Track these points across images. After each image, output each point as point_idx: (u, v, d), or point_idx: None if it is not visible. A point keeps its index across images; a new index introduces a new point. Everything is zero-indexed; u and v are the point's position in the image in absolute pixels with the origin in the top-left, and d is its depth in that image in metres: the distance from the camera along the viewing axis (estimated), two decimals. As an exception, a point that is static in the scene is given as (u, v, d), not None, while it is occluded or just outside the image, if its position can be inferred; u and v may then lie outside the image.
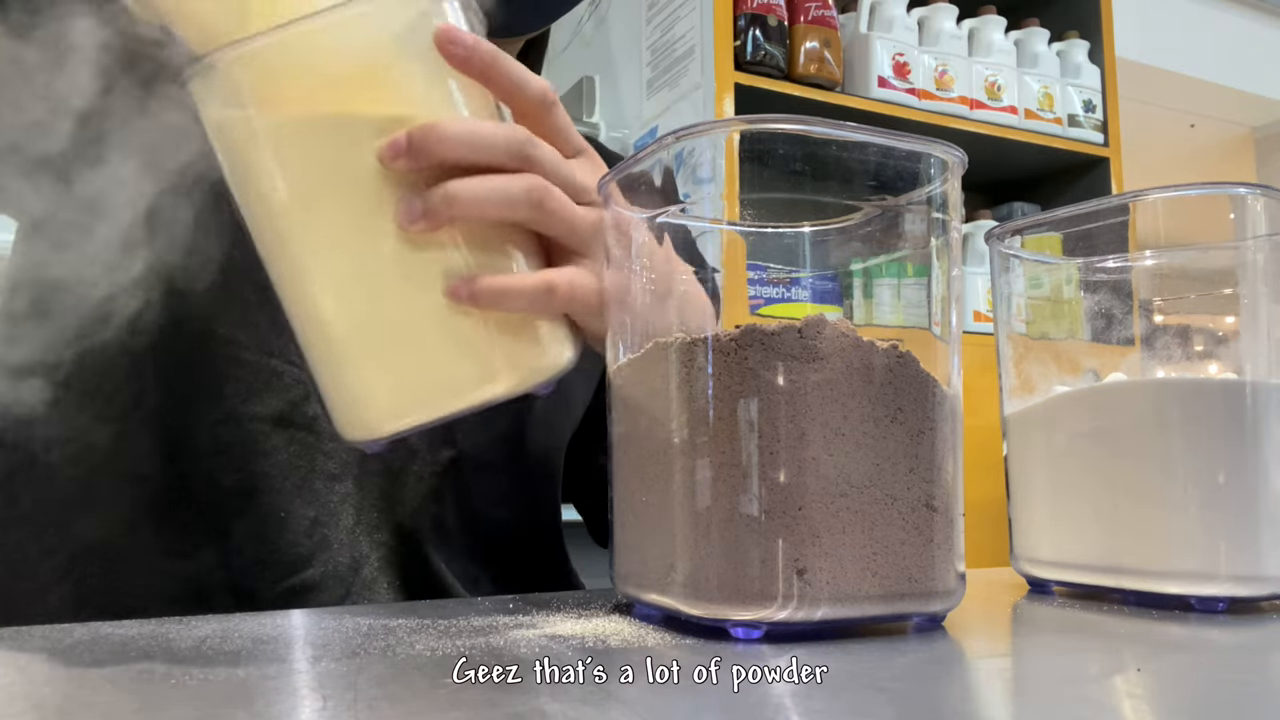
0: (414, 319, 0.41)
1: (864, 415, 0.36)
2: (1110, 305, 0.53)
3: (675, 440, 0.37)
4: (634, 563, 0.40)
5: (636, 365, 0.40)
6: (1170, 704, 0.29)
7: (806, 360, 0.35)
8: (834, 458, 0.35)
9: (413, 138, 0.40)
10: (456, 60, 0.41)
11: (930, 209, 0.40)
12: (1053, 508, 0.50)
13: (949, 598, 0.38)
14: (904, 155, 0.39)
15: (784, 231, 0.42)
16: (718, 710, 0.26)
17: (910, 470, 0.37)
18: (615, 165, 0.42)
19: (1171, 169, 3.52)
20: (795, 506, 0.34)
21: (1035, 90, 2.01)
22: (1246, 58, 2.93)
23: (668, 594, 0.37)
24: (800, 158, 0.38)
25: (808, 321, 0.36)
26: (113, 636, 0.36)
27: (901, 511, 0.36)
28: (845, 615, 0.35)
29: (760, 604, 0.34)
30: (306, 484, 0.57)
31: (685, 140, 0.38)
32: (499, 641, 0.35)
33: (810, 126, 0.37)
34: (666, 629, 0.37)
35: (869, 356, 0.36)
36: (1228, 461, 0.44)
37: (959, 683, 0.32)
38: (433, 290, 0.41)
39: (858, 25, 1.88)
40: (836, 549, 0.35)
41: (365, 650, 0.33)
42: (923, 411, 0.37)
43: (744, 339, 0.35)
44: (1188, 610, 0.44)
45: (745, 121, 0.37)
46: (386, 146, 0.40)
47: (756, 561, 0.34)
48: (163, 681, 0.29)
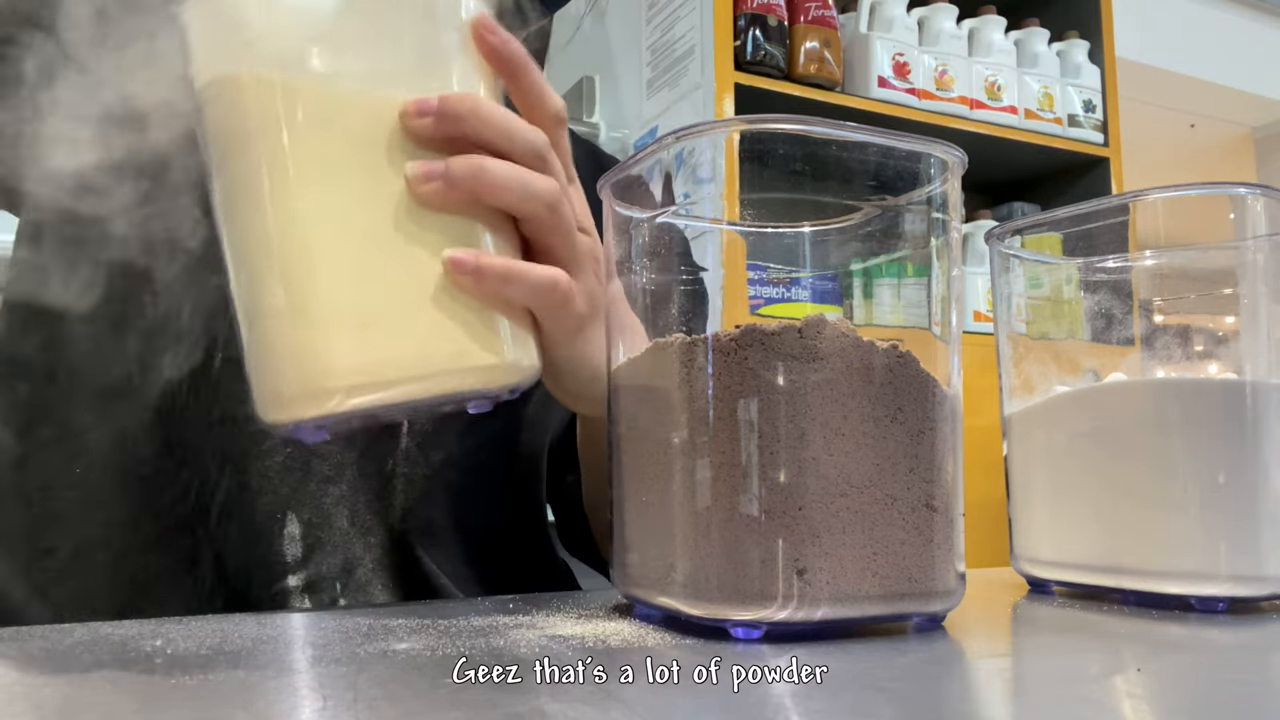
0: (404, 284, 0.38)
1: (864, 415, 0.36)
2: (1110, 305, 0.53)
3: (675, 440, 0.37)
4: (634, 563, 0.40)
5: (636, 365, 0.40)
6: (1170, 704, 0.29)
7: (806, 360, 0.35)
8: (834, 458, 0.35)
9: (446, 102, 0.39)
10: (488, 48, 0.41)
11: (930, 209, 0.40)
12: (1053, 508, 0.50)
13: (949, 598, 0.38)
14: (904, 155, 0.39)
15: (784, 231, 0.42)
16: (718, 710, 0.26)
17: (910, 470, 0.37)
18: (616, 164, 0.42)
19: (1171, 169, 3.52)
20: (795, 506, 0.34)
21: (1035, 90, 2.01)
22: (1246, 58, 2.93)
23: (668, 594, 0.37)
24: (800, 158, 0.38)
25: (808, 321, 0.36)
26: (113, 636, 0.36)
27: (901, 511, 0.36)
28: (845, 615, 0.35)
29: (760, 604, 0.34)
30: (302, 486, 0.57)
31: (685, 140, 0.38)
32: (499, 641, 0.34)
33: (810, 126, 0.37)
34: (666, 629, 0.37)
35: (869, 356, 0.36)
36: (1228, 461, 0.44)
37: (959, 683, 0.32)
38: (430, 260, 0.39)
39: (858, 25, 1.88)
40: (836, 549, 0.35)
41: (365, 650, 0.33)
42: (923, 411, 0.37)
43: (744, 339, 0.35)
44: (1188, 610, 0.44)
45: (745, 121, 0.37)
46: (413, 102, 0.39)
47: (756, 561, 0.34)
48: (163, 681, 0.29)
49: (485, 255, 0.39)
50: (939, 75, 1.90)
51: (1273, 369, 0.46)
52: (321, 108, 0.38)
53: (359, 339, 0.37)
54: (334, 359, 0.37)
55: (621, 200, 0.43)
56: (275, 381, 0.38)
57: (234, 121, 0.38)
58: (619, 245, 0.43)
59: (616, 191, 0.43)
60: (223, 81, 0.38)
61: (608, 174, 0.43)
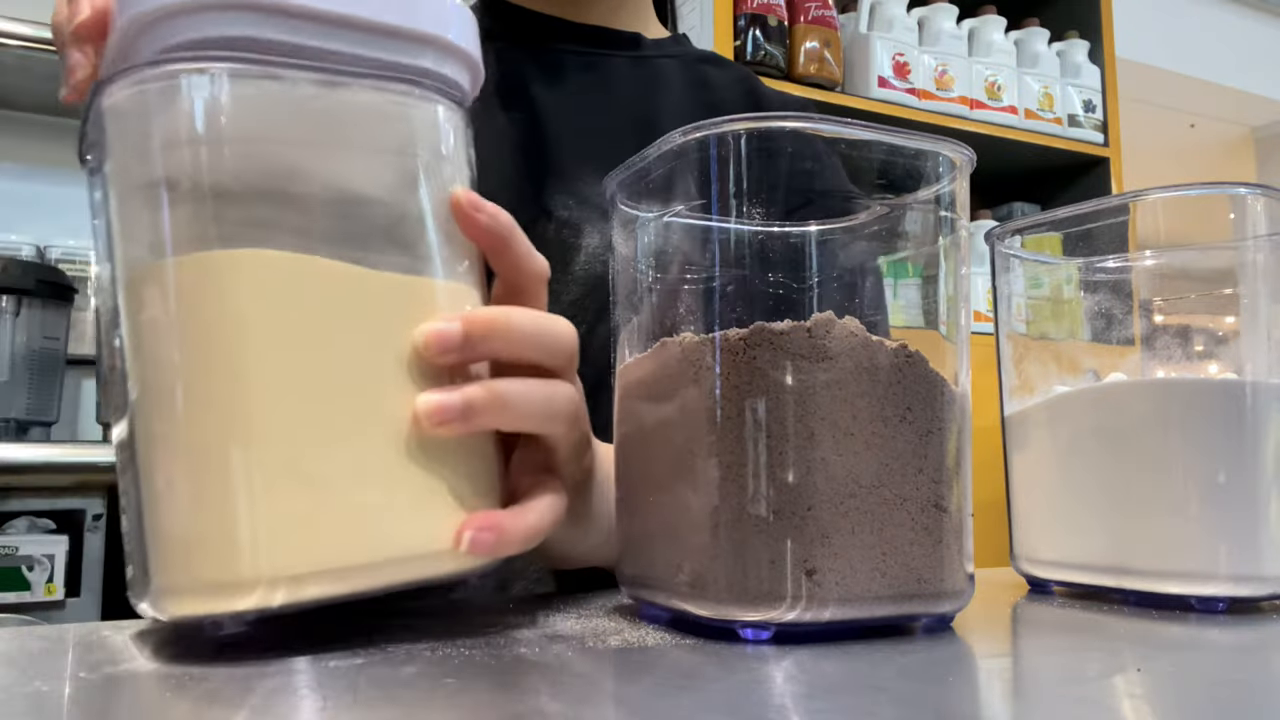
0: (361, 459, 0.33)
1: (873, 415, 0.36)
2: (1110, 305, 0.53)
3: (682, 440, 0.37)
4: (640, 564, 0.40)
5: (643, 364, 0.40)
6: (1170, 704, 0.29)
7: (815, 360, 0.35)
8: (843, 458, 0.35)
9: (472, 331, 0.35)
10: (477, 228, 0.37)
11: (938, 208, 0.40)
12: (1053, 508, 0.50)
13: (958, 598, 0.38)
14: (912, 154, 0.39)
15: (790, 231, 0.42)
16: (718, 710, 0.26)
17: (919, 470, 0.36)
18: (622, 163, 0.42)
19: (1171, 169, 3.52)
20: (804, 507, 0.34)
21: (1035, 90, 2.01)
22: (1246, 58, 2.93)
23: (676, 595, 0.37)
24: (809, 156, 0.38)
25: (817, 321, 0.35)
26: (113, 637, 0.36)
27: (911, 512, 0.36)
28: (854, 616, 0.35)
29: (769, 605, 0.34)
30: None
31: (692, 138, 0.38)
32: (499, 641, 0.34)
33: (818, 125, 0.37)
34: (671, 629, 0.37)
35: (877, 356, 0.36)
36: (1228, 461, 0.45)
37: (959, 682, 0.32)
38: (396, 432, 0.34)
39: (858, 25, 1.89)
40: (845, 549, 0.35)
41: (365, 650, 0.33)
42: (932, 411, 0.37)
43: (753, 338, 0.35)
44: (1188, 610, 0.44)
45: (752, 120, 0.37)
46: (433, 338, 0.34)
47: (765, 562, 0.34)
48: (163, 681, 0.29)
49: (501, 520, 0.36)
50: (939, 75, 1.90)
51: (1273, 369, 0.46)
52: (288, 276, 0.33)
53: (305, 521, 0.32)
54: (273, 543, 0.31)
55: (628, 199, 0.43)
56: (189, 566, 0.32)
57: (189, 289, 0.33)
58: (626, 244, 0.43)
59: (623, 190, 0.43)
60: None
61: (613, 173, 0.42)
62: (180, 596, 0.32)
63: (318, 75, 0.34)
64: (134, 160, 0.34)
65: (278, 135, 0.34)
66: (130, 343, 0.33)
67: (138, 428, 0.33)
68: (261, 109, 0.34)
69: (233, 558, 0.31)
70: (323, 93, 0.34)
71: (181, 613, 0.32)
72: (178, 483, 0.32)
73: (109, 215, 0.34)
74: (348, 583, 0.33)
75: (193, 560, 0.31)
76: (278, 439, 0.32)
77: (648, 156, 0.40)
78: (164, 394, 0.32)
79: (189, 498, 0.32)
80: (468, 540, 0.34)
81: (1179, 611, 0.44)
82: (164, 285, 0.33)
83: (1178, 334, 0.51)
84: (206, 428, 0.32)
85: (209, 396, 0.32)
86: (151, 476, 0.32)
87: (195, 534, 0.31)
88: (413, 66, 0.36)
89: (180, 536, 0.32)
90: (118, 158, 0.34)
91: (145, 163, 0.33)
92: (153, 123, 0.33)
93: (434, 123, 0.37)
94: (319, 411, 0.33)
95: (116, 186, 0.34)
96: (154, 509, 0.32)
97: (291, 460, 0.32)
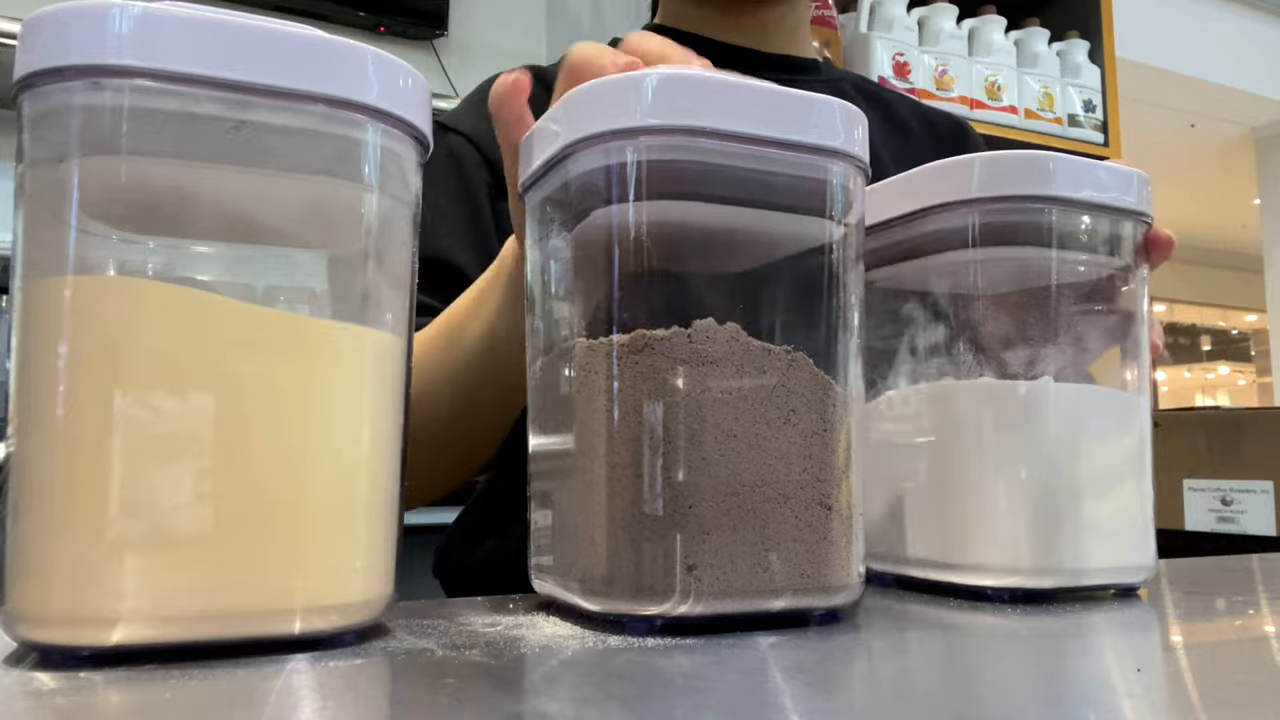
0: (240, 498, 0.32)
1: (755, 417, 0.37)
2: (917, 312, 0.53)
3: (574, 440, 0.38)
4: (545, 559, 0.42)
5: (547, 366, 0.42)
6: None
7: (696, 364, 0.36)
8: (725, 458, 0.36)
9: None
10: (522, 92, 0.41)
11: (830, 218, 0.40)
12: (885, 505, 0.52)
13: (846, 593, 0.38)
14: (806, 167, 0.39)
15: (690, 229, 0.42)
16: (717, 710, 0.26)
17: (804, 470, 0.38)
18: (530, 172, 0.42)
19: (1172, 169, 3.53)
20: (686, 505, 0.36)
21: (1035, 90, 2.01)
22: (1246, 58, 2.92)
23: (570, 590, 0.38)
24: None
25: (697, 327, 0.37)
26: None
27: (795, 510, 0.37)
28: (736, 610, 0.36)
29: (653, 600, 0.35)
30: None
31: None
32: (499, 641, 0.34)
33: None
34: (575, 623, 0.38)
35: (761, 360, 0.37)
36: (1029, 460, 0.46)
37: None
38: (278, 473, 0.32)
39: (858, 25, 1.89)
40: (726, 546, 0.36)
41: (365, 650, 0.33)
42: (817, 413, 0.38)
43: (635, 343, 0.36)
44: (983, 599, 0.46)
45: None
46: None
47: (649, 558, 0.36)
48: (163, 681, 0.29)
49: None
50: (939, 75, 1.90)
51: (1066, 372, 0.47)
52: (161, 307, 0.32)
53: (160, 563, 0.31)
54: (120, 583, 0.30)
55: (537, 208, 0.43)
56: (43, 595, 0.31)
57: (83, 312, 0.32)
58: (534, 250, 0.44)
59: (534, 198, 0.43)
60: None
61: (524, 180, 0.43)
62: (33, 624, 0.31)
63: (224, 94, 0.32)
64: (28, 168, 0.33)
65: (170, 154, 0.33)
66: (13, 358, 0.33)
67: (13, 446, 0.32)
68: (156, 126, 0.32)
69: (81, 592, 0.30)
70: (228, 113, 0.33)
71: (26, 635, 0.31)
72: (31, 509, 0.31)
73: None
74: (198, 629, 0.31)
75: (49, 589, 0.31)
76: (137, 477, 0.31)
77: (568, 171, 0.40)
78: (28, 416, 0.32)
79: (41, 527, 0.31)
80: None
81: (981, 602, 0.45)
82: (38, 305, 0.32)
83: (972, 340, 0.51)
84: (66, 457, 0.31)
85: (68, 426, 0.31)
86: (15, 498, 0.32)
87: (45, 564, 0.31)
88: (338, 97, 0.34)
89: (31, 564, 0.31)
90: (25, 161, 0.33)
91: (35, 171, 0.33)
92: (48, 131, 0.32)
93: (353, 151, 0.34)
94: (184, 451, 0.31)
95: (19, 190, 0.33)
96: (14, 529, 0.31)
97: (150, 501, 0.31)
